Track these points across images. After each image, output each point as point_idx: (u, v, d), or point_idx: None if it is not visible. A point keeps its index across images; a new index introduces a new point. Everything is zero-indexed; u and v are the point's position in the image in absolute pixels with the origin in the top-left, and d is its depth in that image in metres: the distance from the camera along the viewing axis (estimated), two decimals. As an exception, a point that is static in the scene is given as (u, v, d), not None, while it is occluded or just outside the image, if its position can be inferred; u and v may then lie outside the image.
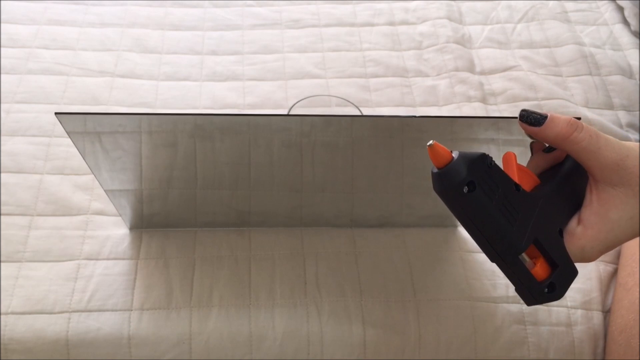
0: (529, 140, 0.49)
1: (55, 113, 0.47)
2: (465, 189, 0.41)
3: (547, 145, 0.49)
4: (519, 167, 0.46)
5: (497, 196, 0.41)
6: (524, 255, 0.43)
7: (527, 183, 0.46)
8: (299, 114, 0.72)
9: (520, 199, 0.43)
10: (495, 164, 0.43)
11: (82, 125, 0.50)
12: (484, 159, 0.42)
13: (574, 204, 0.47)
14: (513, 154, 0.45)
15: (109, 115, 0.50)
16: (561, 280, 0.44)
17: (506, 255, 0.43)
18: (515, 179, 0.44)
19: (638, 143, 0.46)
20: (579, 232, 0.45)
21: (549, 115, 0.45)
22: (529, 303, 0.45)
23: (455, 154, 0.41)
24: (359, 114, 0.74)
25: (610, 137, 0.44)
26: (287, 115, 0.64)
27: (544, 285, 0.44)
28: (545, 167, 0.49)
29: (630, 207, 0.44)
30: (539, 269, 0.44)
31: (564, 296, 0.63)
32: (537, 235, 0.43)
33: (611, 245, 0.45)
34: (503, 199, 0.42)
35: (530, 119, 0.46)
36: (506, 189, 0.42)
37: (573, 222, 0.46)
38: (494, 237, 0.42)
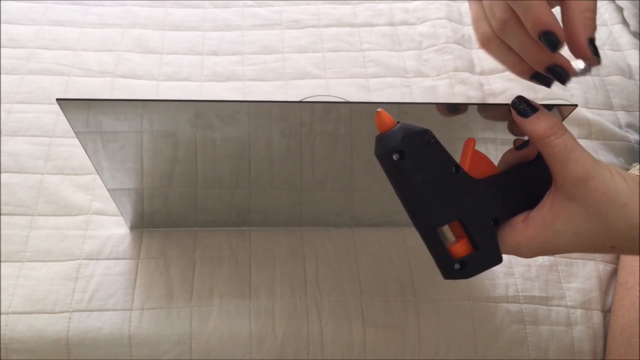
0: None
1: (57, 99, 0.47)
2: (396, 157, 0.43)
3: (523, 141, 0.49)
4: (476, 152, 0.47)
5: (429, 171, 0.44)
6: (445, 231, 0.45)
7: (480, 169, 0.47)
8: (298, 101, 0.72)
9: (456, 179, 0.45)
10: (437, 142, 0.44)
11: (84, 113, 0.49)
12: (425, 134, 0.44)
13: (527, 203, 0.48)
14: (473, 140, 0.47)
15: (110, 101, 0.49)
16: (476, 262, 0.46)
17: (423, 225, 0.45)
18: (466, 162, 0.46)
19: (619, 168, 0.45)
20: (520, 228, 0.46)
21: (539, 110, 0.46)
22: (444, 277, 0.47)
23: (398, 125, 0.43)
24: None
25: (586, 153, 0.44)
26: (286, 102, 0.64)
27: (456, 261, 0.45)
28: (513, 163, 0.50)
29: (578, 224, 0.44)
30: (459, 247, 0.46)
31: (564, 295, 0.63)
32: (463, 216, 0.45)
33: (548, 250, 0.46)
34: (434, 175, 0.44)
35: (520, 108, 0.46)
36: (442, 167, 0.44)
37: (519, 217, 0.47)
38: (414, 206, 0.45)
